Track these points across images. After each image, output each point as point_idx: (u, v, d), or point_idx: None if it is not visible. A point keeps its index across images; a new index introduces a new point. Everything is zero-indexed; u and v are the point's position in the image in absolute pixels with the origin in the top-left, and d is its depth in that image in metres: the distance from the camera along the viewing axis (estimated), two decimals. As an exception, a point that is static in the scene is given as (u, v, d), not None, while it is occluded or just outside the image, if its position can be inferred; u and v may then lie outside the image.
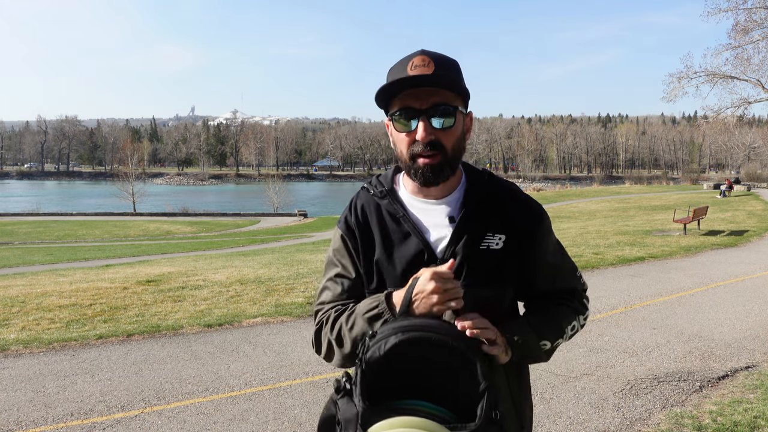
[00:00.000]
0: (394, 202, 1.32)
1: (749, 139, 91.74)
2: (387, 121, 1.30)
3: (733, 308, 6.96)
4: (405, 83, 1.19)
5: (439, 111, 1.20)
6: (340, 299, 1.34)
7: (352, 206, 1.38)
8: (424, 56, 1.21)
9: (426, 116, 1.20)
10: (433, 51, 1.24)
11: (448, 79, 1.20)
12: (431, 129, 1.21)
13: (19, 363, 5.05)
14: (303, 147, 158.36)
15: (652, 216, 22.77)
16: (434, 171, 1.23)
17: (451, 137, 1.24)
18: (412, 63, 1.21)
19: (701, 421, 3.73)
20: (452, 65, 1.25)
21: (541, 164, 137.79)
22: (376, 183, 1.38)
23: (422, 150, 1.21)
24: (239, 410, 4.01)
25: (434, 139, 1.21)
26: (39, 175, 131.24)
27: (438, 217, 1.29)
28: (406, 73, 1.20)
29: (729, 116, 27.09)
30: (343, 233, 1.35)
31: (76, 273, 11.13)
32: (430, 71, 1.19)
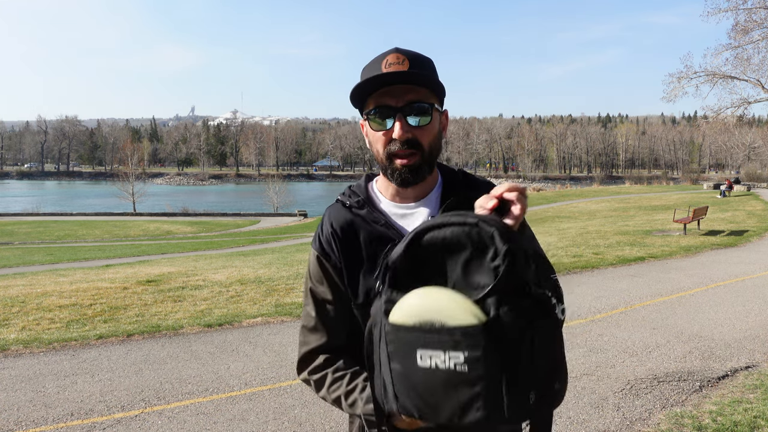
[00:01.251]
0: (373, 210, 1.28)
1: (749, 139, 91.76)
2: (362, 122, 1.27)
3: (733, 308, 6.97)
4: (379, 80, 1.17)
5: (415, 109, 1.19)
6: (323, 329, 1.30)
7: (324, 224, 1.32)
8: (398, 54, 1.19)
9: (402, 114, 1.18)
10: (406, 49, 1.22)
11: (423, 76, 1.17)
12: (408, 127, 1.18)
13: (19, 363, 5.06)
14: (303, 147, 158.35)
15: (652, 216, 22.77)
16: (412, 171, 1.21)
17: (428, 135, 1.21)
18: (386, 61, 1.19)
19: (701, 421, 3.73)
20: (427, 62, 1.23)
21: (541, 164, 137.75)
22: (350, 194, 1.33)
23: (399, 149, 1.19)
24: (239, 410, 4.01)
25: (411, 137, 1.19)
26: (39, 175, 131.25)
27: (418, 220, 1.26)
28: (380, 71, 1.19)
29: (729, 116, 27.10)
30: (319, 254, 1.30)
31: (76, 273, 11.13)
32: (404, 69, 1.17)
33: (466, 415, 0.92)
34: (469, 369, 0.90)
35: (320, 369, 1.28)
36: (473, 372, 0.90)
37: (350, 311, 1.28)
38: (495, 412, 0.90)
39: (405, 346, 0.96)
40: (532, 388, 0.93)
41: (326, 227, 1.30)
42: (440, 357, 0.92)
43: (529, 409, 0.92)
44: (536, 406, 0.93)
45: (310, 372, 1.29)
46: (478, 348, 0.89)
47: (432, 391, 0.94)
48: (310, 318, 1.31)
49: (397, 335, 0.97)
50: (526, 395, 0.92)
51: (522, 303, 0.93)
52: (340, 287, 1.28)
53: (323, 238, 1.30)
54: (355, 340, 1.27)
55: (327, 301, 1.30)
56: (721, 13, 24.30)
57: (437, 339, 0.92)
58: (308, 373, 1.29)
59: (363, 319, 1.25)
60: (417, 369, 0.95)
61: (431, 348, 0.93)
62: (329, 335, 1.29)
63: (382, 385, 1.02)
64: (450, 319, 0.92)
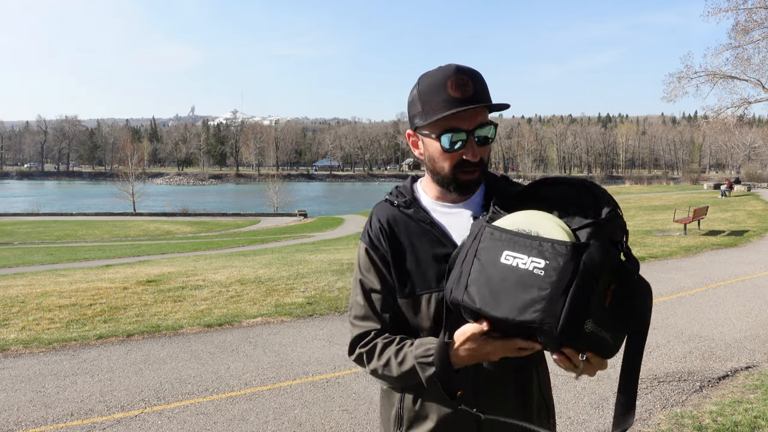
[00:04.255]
0: (419, 209, 1.37)
1: (749, 139, 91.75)
2: (412, 132, 1.36)
3: (733, 308, 6.96)
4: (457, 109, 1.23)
5: (484, 131, 1.28)
6: (375, 316, 1.37)
7: (373, 220, 1.41)
8: (462, 75, 1.25)
9: (473, 136, 1.27)
10: (464, 66, 1.28)
11: (489, 100, 1.27)
12: (478, 149, 1.28)
13: (19, 363, 5.05)
14: (303, 147, 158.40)
15: (652, 216, 22.77)
16: (475, 184, 1.32)
17: (488, 150, 1.32)
18: (452, 82, 1.24)
19: (701, 421, 3.73)
20: (483, 79, 1.29)
21: (541, 164, 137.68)
22: (397, 194, 1.43)
23: (468, 168, 1.28)
24: (239, 410, 4.01)
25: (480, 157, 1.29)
26: (39, 175, 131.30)
27: (462, 219, 1.35)
28: (447, 92, 1.24)
29: (729, 116, 27.07)
30: (368, 246, 1.39)
31: (76, 273, 11.13)
32: (471, 91, 1.24)
33: (524, 313, 1.00)
34: (545, 274, 1.00)
35: (370, 342, 1.35)
36: (547, 278, 1.00)
37: (396, 301, 1.35)
38: (550, 318, 0.98)
39: (496, 243, 1.09)
40: (591, 318, 1.00)
41: (375, 223, 1.40)
42: (523, 259, 1.03)
43: (580, 333, 1.00)
44: (589, 336, 1.01)
45: (361, 346, 1.36)
46: (560, 259, 1.00)
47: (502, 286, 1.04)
48: (359, 306, 1.39)
49: (492, 235, 1.10)
50: (583, 320, 0.99)
51: (611, 249, 1.05)
52: (387, 277, 1.36)
53: (372, 232, 1.39)
54: (400, 330, 1.35)
55: (374, 290, 1.37)
56: (722, 13, 24.29)
57: (528, 244, 1.04)
58: (359, 348, 1.36)
59: (407, 311, 1.33)
60: (498, 265, 1.06)
61: (518, 251, 1.05)
62: (379, 321, 1.36)
63: (458, 276, 1.13)
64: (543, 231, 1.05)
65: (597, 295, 1.01)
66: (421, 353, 1.23)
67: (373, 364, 1.32)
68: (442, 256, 1.30)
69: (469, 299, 1.08)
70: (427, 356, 1.21)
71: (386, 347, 1.31)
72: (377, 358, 1.31)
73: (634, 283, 1.07)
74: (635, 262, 1.08)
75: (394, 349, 1.29)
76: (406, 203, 1.38)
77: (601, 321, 1.01)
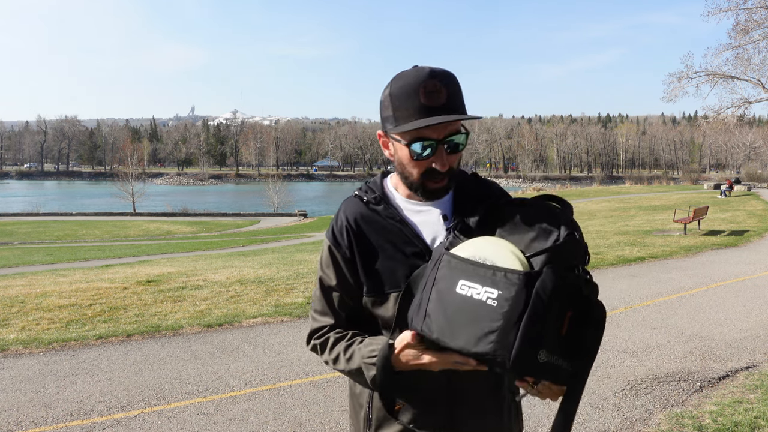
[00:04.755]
0: (389, 206, 1.34)
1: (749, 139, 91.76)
2: (382, 133, 1.30)
3: (733, 308, 6.96)
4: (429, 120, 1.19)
5: (455, 140, 1.24)
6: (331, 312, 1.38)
7: (339, 216, 1.38)
8: (435, 82, 1.20)
9: (443, 145, 1.23)
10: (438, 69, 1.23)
11: (460, 109, 1.23)
12: (448, 158, 1.25)
13: (19, 363, 5.05)
14: (303, 147, 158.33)
15: (652, 216, 22.77)
16: (443, 190, 1.29)
17: (458, 158, 1.29)
18: (424, 89, 1.20)
19: (701, 422, 3.73)
20: (457, 84, 1.25)
21: (541, 164, 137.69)
22: (366, 189, 1.39)
23: (437, 176, 1.26)
24: (239, 410, 4.01)
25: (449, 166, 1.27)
26: (39, 175, 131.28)
27: (432, 217, 1.32)
28: (418, 99, 1.20)
29: (729, 116, 27.08)
30: (331, 244, 1.36)
31: (75, 273, 11.13)
32: (444, 99, 1.20)
33: (478, 345, 1.00)
34: (497, 305, 0.99)
35: (324, 335, 1.38)
36: (500, 309, 0.99)
37: (355, 299, 1.35)
38: (502, 350, 0.98)
39: (452, 272, 1.08)
40: (545, 348, 0.99)
41: (341, 220, 1.36)
42: (477, 289, 1.03)
43: (533, 363, 0.99)
44: (544, 366, 1.00)
45: (315, 338, 1.39)
46: (513, 289, 0.99)
47: (458, 316, 1.04)
48: (317, 301, 1.41)
49: (450, 264, 1.09)
50: (536, 350, 0.99)
51: (567, 275, 1.03)
52: (346, 276, 1.35)
53: (336, 230, 1.36)
54: (359, 325, 1.35)
55: (332, 288, 1.37)
56: (722, 12, 24.30)
57: (482, 273, 1.03)
58: (314, 339, 1.39)
59: (373, 307, 1.32)
60: (454, 294, 1.05)
61: (473, 280, 1.04)
62: (335, 318, 1.38)
63: (418, 304, 1.14)
64: (497, 260, 1.04)
65: (552, 323, 1.00)
66: (367, 353, 1.23)
67: (325, 356, 1.35)
68: (412, 254, 1.28)
69: (428, 329, 1.08)
70: (372, 357, 1.20)
71: (337, 342, 1.32)
72: (328, 352, 1.33)
73: (592, 308, 1.06)
74: (593, 286, 1.07)
75: (344, 345, 1.30)
76: (376, 200, 1.35)
77: (555, 349, 1.01)
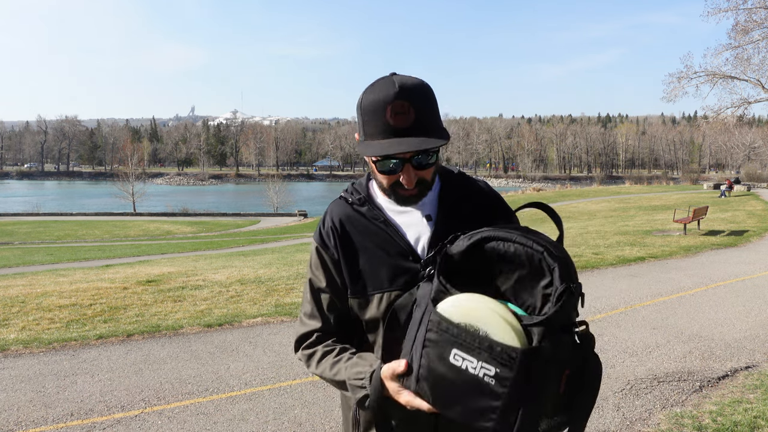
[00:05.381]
0: (373, 208, 1.34)
1: (749, 139, 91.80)
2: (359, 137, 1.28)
3: (733, 308, 6.96)
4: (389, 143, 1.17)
5: (423, 158, 1.22)
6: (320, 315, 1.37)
7: (326, 218, 1.38)
8: (402, 102, 1.17)
9: (410, 163, 1.22)
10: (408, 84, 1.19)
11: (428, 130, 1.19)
12: (414, 173, 1.23)
13: (19, 363, 5.06)
14: (303, 147, 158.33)
15: (652, 216, 22.77)
16: (416, 198, 1.28)
17: (432, 170, 1.27)
18: (392, 108, 1.17)
19: (701, 421, 3.73)
20: (428, 102, 1.22)
21: (541, 164, 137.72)
22: (352, 191, 1.39)
23: (404, 189, 1.25)
24: (239, 410, 4.01)
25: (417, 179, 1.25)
26: (39, 175, 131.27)
27: (415, 218, 1.32)
28: (385, 119, 1.18)
29: (729, 116, 27.09)
30: (318, 245, 1.37)
31: (76, 273, 11.14)
32: (411, 120, 1.17)
33: (476, 420, 0.98)
34: (495, 383, 0.96)
35: (312, 346, 1.36)
36: (499, 388, 0.96)
37: (343, 301, 1.35)
38: (503, 428, 0.96)
39: (444, 337, 1.02)
40: (545, 416, 0.99)
41: (327, 221, 1.37)
42: (473, 363, 0.98)
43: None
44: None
45: (304, 348, 1.37)
46: (512, 369, 0.95)
47: (453, 388, 1.01)
48: (307, 304, 1.40)
49: (440, 326, 1.03)
50: (538, 422, 0.98)
51: (564, 339, 0.99)
52: (335, 278, 1.35)
53: (324, 231, 1.37)
54: (347, 328, 1.35)
55: (321, 289, 1.37)
56: (721, 13, 24.31)
57: (477, 346, 0.98)
58: (302, 350, 1.38)
59: (359, 309, 1.32)
60: (447, 363, 1.01)
61: (467, 352, 0.99)
62: (323, 321, 1.37)
63: (410, 358, 1.10)
64: (494, 334, 0.97)
65: (550, 390, 0.99)
66: (353, 375, 1.22)
67: (312, 369, 1.34)
68: (395, 254, 1.28)
69: (422, 392, 1.06)
70: (359, 379, 1.20)
71: (324, 357, 1.31)
72: (315, 366, 1.33)
73: (589, 362, 1.04)
74: (589, 339, 1.05)
75: (331, 361, 1.29)
76: (360, 201, 1.35)
77: (555, 411, 1.00)
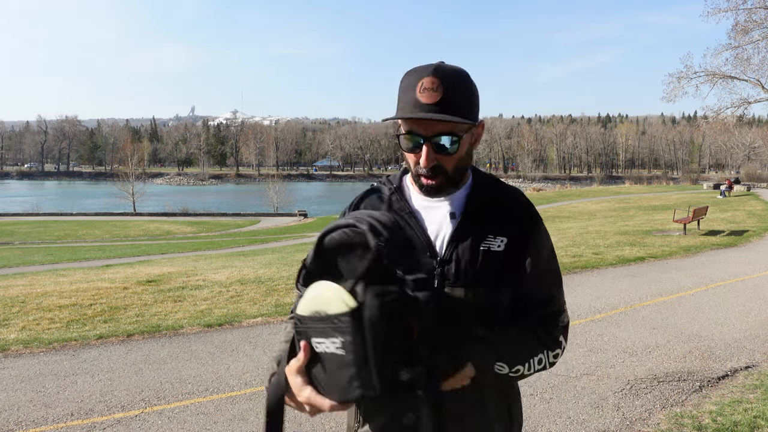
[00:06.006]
0: (401, 199, 1.36)
1: (749, 139, 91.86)
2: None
3: (733, 308, 6.97)
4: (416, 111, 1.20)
5: (444, 140, 1.23)
6: None
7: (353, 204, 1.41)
8: (434, 78, 1.20)
9: (430, 143, 1.23)
10: (446, 67, 1.23)
11: (453, 110, 1.20)
12: (434, 156, 1.24)
13: (19, 363, 5.06)
14: (303, 147, 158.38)
15: (652, 216, 22.77)
16: (436, 189, 1.29)
17: (453, 160, 1.27)
18: (422, 84, 1.20)
19: (701, 421, 3.73)
20: (461, 86, 1.23)
21: (541, 164, 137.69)
22: (386, 182, 1.43)
23: (425, 173, 1.26)
24: (239, 410, 4.01)
25: (436, 164, 1.25)
26: (39, 175, 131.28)
27: (440, 214, 1.32)
28: (415, 93, 1.21)
29: (729, 116, 27.13)
30: None
31: (76, 273, 11.13)
32: (438, 97, 1.19)
33: (347, 394, 1.01)
34: (345, 352, 0.99)
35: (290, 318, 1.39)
36: (348, 355, 0.99)
37: None
38: (368, 390, 0.98)
39: (302, 333, 1.08)
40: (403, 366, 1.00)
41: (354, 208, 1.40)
42: (326, 343, 1.03)
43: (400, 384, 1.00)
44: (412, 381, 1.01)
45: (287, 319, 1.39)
46: (348, 332, 0.98)
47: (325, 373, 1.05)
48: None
49: (296, 325, 1.10)
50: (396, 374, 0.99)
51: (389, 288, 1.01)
52: None
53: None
54: None
55: None
56: (721, 13, 24.34)
57: (323, 327, 1.03)
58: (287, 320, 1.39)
59: None
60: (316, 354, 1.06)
61: (320, 335, 1.04)
62: None
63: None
64: (329, 308, 1.02)
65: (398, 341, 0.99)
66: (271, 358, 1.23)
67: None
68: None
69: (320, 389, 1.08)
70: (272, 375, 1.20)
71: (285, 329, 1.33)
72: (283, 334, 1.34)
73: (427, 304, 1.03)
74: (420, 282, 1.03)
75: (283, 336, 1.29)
76: (390, 191, 1.38)
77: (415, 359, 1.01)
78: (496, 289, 1.28)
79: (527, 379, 1.47)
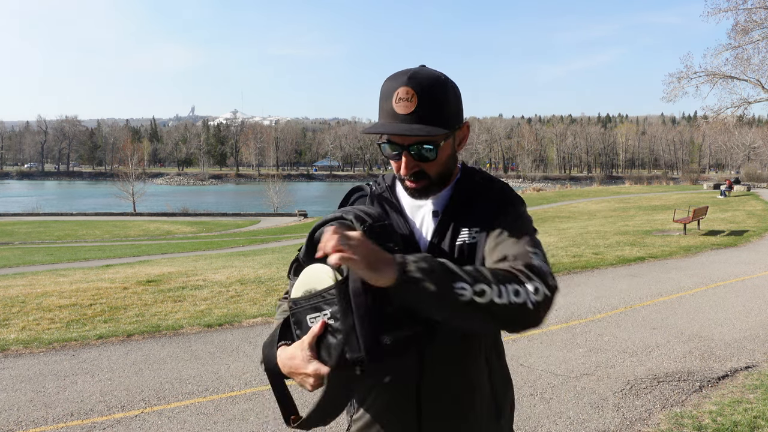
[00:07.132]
0: (391, 196, 1.39)
1: (749, 139, 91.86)
2: None
3: (733, 308, 6.97)
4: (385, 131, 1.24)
5: (422, 148, 1.24)
6: None
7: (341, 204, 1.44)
8: (408, 88, 1.21)
9: (408, 151, 1.25)
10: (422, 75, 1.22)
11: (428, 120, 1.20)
12: (413, 163, 1.26)
13: (19, 363, 5.06)
14: (303, 147, 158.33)
15: (652, 216, 22.77)
16: (420, 192, 1.31)
17: (435, 165, 1.28)
18: (397, 94, 1.21)
19: (701, 421, 3.73)
20: (437, 94, 1.22)
21: (541, 164, 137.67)
22: (380, 180, 1.46)
23: (407, 178, 1.29)
24: (239, 410, 4.01)
25: (417, 171, 1.27)
26: (39, 175, 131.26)
27: (425, 212, 1.35)
28: (391, 103, 1.22)
29: (729, 116, 27.16)
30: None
31: (76, 273, 11.13)
32: (412, 107, 1.20)
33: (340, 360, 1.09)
34: (335, 321, 1.09)
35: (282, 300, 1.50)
36: (338, 323, 1.09)
37: None
38: (355, 354, 1.07)
39: (298, 315, 1.18)
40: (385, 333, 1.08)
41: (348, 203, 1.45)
42: (319, 316, 1.13)
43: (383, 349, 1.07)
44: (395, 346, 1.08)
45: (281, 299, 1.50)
46: (335, 303, 1.09)
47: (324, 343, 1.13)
48: None
49: (292, 308, 1.20)
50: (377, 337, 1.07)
51: None
52: None
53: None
54: None
55: None
56: (721, 13, 24.36)
57: (314, 303, 1.13)
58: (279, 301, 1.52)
59: None
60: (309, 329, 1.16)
61: (313, 311, 1.14)
62: None
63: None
64: (319, 284, 1.13)
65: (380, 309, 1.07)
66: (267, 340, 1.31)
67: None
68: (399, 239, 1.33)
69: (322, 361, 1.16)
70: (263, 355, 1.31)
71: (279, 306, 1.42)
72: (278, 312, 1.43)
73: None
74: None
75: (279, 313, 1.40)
76: (381, 188, 1.42)
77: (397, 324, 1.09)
78: None
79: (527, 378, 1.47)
